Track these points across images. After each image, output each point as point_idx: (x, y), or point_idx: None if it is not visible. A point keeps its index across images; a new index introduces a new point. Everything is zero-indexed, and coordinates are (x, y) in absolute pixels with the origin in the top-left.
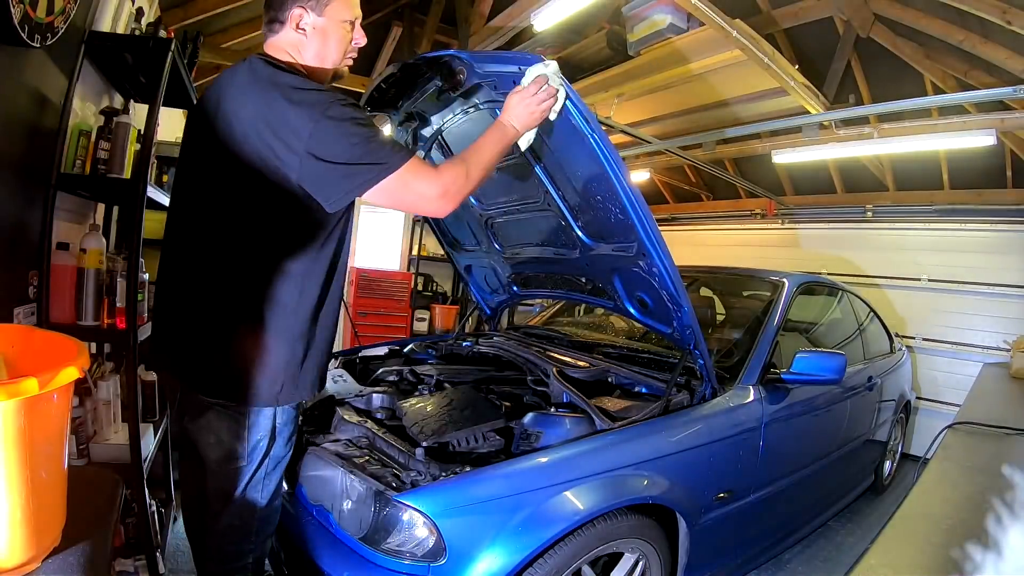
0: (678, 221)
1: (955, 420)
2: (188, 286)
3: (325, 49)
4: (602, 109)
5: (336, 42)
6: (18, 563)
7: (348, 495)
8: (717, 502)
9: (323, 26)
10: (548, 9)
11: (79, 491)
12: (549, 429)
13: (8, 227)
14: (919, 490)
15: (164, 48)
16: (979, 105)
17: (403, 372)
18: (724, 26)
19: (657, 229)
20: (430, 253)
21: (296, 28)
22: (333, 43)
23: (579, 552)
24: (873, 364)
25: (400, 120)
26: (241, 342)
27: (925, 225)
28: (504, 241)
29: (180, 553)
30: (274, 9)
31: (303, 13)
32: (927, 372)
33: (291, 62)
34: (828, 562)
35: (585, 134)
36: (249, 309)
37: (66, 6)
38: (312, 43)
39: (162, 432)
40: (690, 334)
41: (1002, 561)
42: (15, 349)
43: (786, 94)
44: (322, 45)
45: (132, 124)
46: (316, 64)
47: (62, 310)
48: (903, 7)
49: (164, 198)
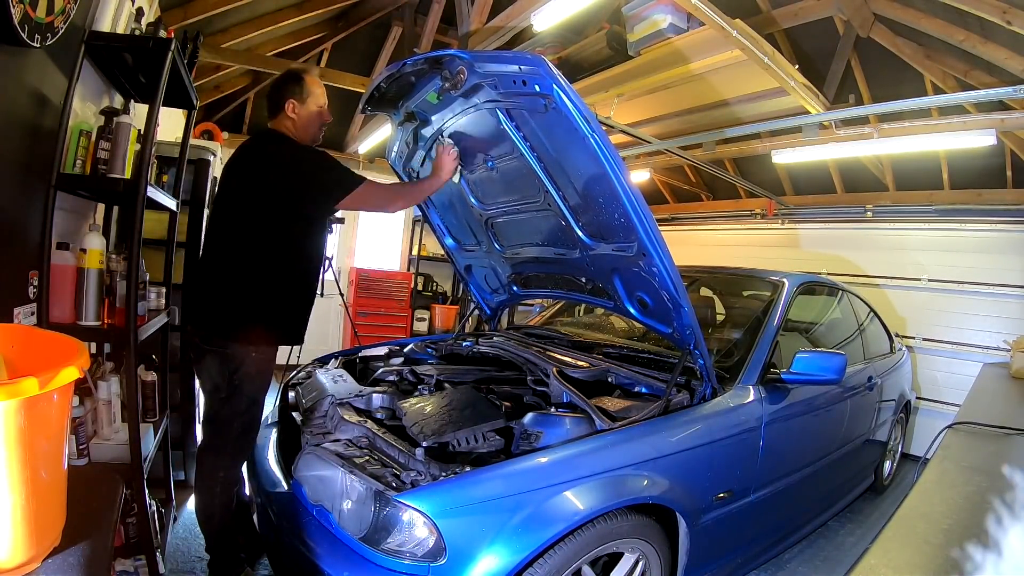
0: (678, 221)
1: (955, 420)
2: (216, 274)
3: (309, 125)
4: (602, 109)
5: (315, 120)
6: (18, 563)
7: (348, 495)
8: (717, 502)
9: (305, 112)
10: (548, 9)
11: (79, 491)
12: (549, 429)
13: (8, 227)
14: (919, 490)
15: (164, 48)
16: (979, 105)
17: (403, 372)
18: (724, 26)
19: (657, 229)
20: (430, 253)
21: (290, 113)
22: (313, 121)
23: (579, 552)
24: (873, 364)
25: (401, 120)
26: (237, 304)
27: (925, 225)
28: (504, 241)
29: (180, 553)
30: (274, 101)
31: (293, 103)
32: (927, 372)
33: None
34: (828, 562)
35: (585, 134)
36: (249, 287)
37: (66, 6)
38: (300, 123)
39: (162, 432)
40: (690, 334)
41: (1002, 561)
42: (15, 349)
43: (786, 94)
44: (307, 123)
45: (132, 124)
46: (303, 136)
47: (62, 310)
48: (903, 7)
49: (164, 198)
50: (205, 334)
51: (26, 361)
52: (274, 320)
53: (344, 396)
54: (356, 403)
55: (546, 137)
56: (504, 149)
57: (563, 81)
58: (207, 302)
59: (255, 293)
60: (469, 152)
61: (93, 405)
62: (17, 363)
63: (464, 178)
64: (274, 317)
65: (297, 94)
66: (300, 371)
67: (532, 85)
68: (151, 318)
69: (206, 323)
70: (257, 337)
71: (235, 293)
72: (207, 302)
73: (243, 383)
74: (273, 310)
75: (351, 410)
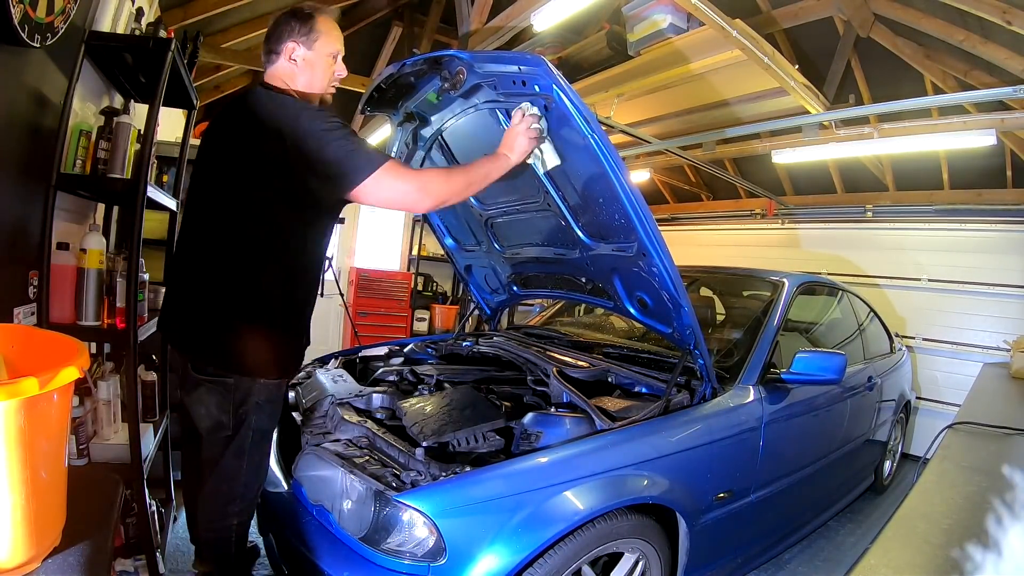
0: (678, 221)
1: (955, 420)
2: (196, 276)
3: (313, 78)
4: (602, 109)
5: (322, 72)
6: (18, 563)
7: (348, 495)
8: (717, 502)
9: (311, 58)
10: (548, 9)
11: (79, 491)
12: (549, 429)
13: (8, 227)
14: (919, 490)
15: (164, 48)
16: (979, 105)
17: (403, 372)
18: (724, 26)
19: (657, 229)
20: (430, 253)
21: (288, 59)
22: (320, 73)
23: (579, 552)
24: (873, 364)
25: (400, 120)
26: (232, 321)
27: (925, 225)
28: (504, 241)
29: (180, 553)
30: (272, 43)
31: (296, 47)
32: (927, 372)
33: (285, 89)
34: (828, 562)
35: (585, 134)
36: (242, 298)
37: (66, 6)
38: (302, 73)
39: (162, 432)
40: (690, 334)
41: (1002, 561)
42: (15, 349)
43: (786, 94)
44: (311, 75)
45: (132, 124)
46: (305, 90)
47: (62, 310)
48: (903, 7)
49: (164, 198)
50: (195, 361)
51: (26, 361)
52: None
53: (344, 396)
54: (356, 403)
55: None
56: None
57: (563, 81)
58: (193, 318)
59: (253, 309)
60: (469, 152)
61: (93, 405)
62: (17, 363)
63: None
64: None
65: (302, 34)
66: (300, 371)
67: (532, 85)
68: (151, 318)
69: (196, 347)
70: (267, 367)
71: (228, 309)
72: (193, 318)
73: (250, 415)
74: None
75: (351, 410)
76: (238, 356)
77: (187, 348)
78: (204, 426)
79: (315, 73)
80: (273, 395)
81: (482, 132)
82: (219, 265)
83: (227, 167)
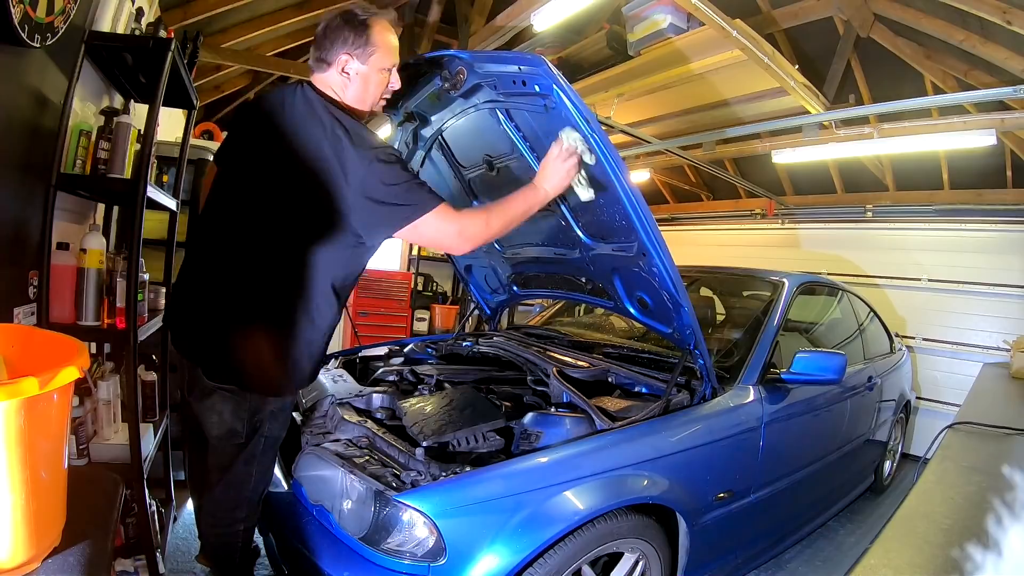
0: (678, 221)
1: (955, 420)
2: (216, 282)
3: (365, 93)
4: (602, 109)
5: (375, 87)
6: (18, 563)
7: (348, 495)
8: (717, 502)
9: (365, 73)
10: (548, 9)
11: (79, 491)
12: (549, 429)
13: (8, 227)
14: (919, 490)
15: (164, 48)
16: (979, 105)
17: (403, 372)
18: (724, 26)
19: (657, 229)
20: (430, 253)
21: (341, 71)
22: (372, 88)
23: (579, 552)
24: (873, 364)
25: (400, 120)
26: (259, 342)
27: (925, 225)
28: (504, 241)
29: (180, 553)
30: (323, 50)
31: (349, 59)
32: (927, 372)
33: (338, 101)
34: (828, 562)
35: (585, 134)
36: (271, 316)
37: (66, 6)
38: (354, 87)
39: (162, 432)
40: (690, 334)
41: (1002, 561)
42: (15, 349)
43: (786, 94)
44: (363, 90)
45: (132, 124)
46: (355, 105)
47: (62, 310)
48: (903, 7)
49: (164, 198)
50: (210, 370)
51: (26, 361)
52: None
53: (344, 396)
54: (356, 403)
55: (546, 138)
56: (504, 149)
57: (563, 81)
58: (210, 333)
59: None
60: (469, 152)
61: (93, 405)
62: (17, 363)
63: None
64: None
65: (357, 46)
66: None
67: (532, 85)
68: (151, 318)
69: (211, 362)
70: (286, 388)
71: (251, 333)
72: (210, 333)
73: (265, 423)
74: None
75: (351, 410)
76: (258, 379)
77: (200, 360)
78: (216, 433)
79: (368, 88)
80: (287, 403)
81: (482, 132)
82: (245, 286)
83: (266, 176)
